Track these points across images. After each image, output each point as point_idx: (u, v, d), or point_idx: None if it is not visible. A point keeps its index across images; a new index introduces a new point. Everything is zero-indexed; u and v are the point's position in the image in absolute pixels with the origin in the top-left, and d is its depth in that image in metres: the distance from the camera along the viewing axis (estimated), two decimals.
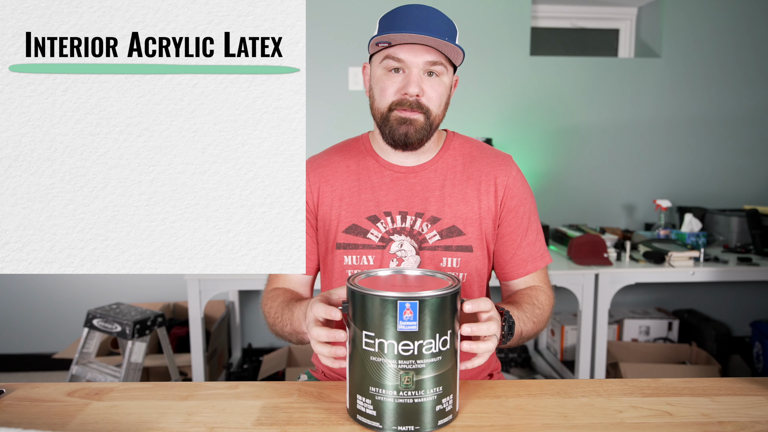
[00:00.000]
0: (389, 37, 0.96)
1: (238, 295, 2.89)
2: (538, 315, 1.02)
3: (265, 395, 0.86)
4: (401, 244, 1.04)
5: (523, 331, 0.97)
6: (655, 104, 2.95)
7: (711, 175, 3.01)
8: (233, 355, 2.89)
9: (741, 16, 2.92)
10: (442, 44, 0.95)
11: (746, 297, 3.05)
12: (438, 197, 1.06)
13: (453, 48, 0.96)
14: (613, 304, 2.96)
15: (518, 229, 1.08)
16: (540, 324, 1.02)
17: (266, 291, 1.11)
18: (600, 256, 2.28)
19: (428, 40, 0.95)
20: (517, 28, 2.85)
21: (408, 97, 0.99)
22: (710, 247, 2.65)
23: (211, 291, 2.12)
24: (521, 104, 2.90)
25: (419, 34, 0.93)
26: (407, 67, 0.98)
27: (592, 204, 2.99)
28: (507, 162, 1.10)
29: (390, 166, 1.09)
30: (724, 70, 2.95)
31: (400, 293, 0.71)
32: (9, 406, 0.83)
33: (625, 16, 3.16)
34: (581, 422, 0.77)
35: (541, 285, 1.10)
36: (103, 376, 2.01)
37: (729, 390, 0.88)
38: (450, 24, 1.00)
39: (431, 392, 0.72)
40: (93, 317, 2.06)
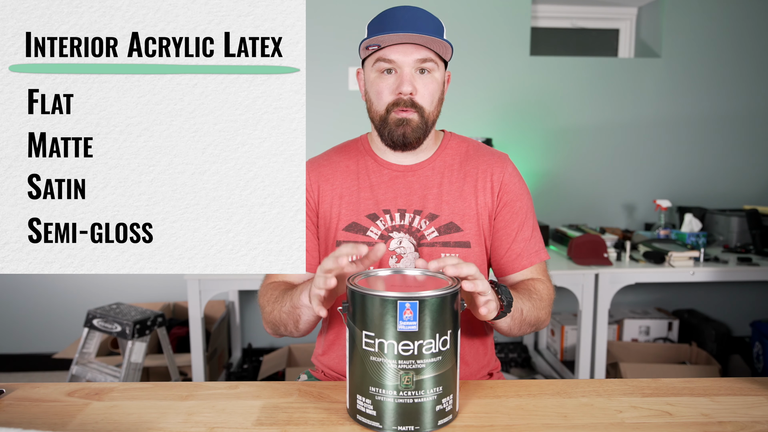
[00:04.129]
0: (378, 39, 0.98)
1: (238, 295, 2.89)
2: (536, 300, 1.02)
3: (265, 395, 0.86)
4: (400, 240, 1.06)
5: (523, 309, 0.97)
6: (655, 104, 2.95)
7: (711, 175, 3.01)
8: (233, 355, 2.89)
9: (741, 16, 2.92)
10: (430, 41, 0.98)
11: (746, 297, 3.05)
12: (436, 194, 1.07)
13: (441, 43, 0.99)
14: (613, 304, 2.96)
15: (513, 223, 1.09)
16: (540, 310, 1.02)
17: (264, 284, 1.12)
18: (600, 256, 2.28)
19: (416, 38, 0.97)
20: (516, 28, 2.85)
21: (402, 96, 1.01)
22: (710, 247, 2.65)
23: (211, 291, 2.12)
24: (521, 104, 2.91)
25: (407, 33, 0.96)
26: (399, 67, 1.00)
27: (592, 204, 2.99)
28: (503, 160, 1.12)
29: (388, 165, 1.10)
30: (724, 70, 2.95)
31: (400, 293, 0.71)
32: (9, 406, 0.83)
33: (625, 16, 3.16)
34: (581, 422, 0.77)
35: (540, 277, 1.11)
36: (103, 376, 2.01)
37: (729, 390, 0.88)
38: (436, 21, 1.03)
39: (431, 392, 0.72)
40: (93, 317, 2.06)
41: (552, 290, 1.10)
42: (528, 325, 1.01)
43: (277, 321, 1.03)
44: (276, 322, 1.03)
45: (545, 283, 1.09)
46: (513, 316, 0.95)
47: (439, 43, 0.99)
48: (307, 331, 1.03)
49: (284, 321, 1.01)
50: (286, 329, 1.03)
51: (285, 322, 1.01)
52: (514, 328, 0.99)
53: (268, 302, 1.05)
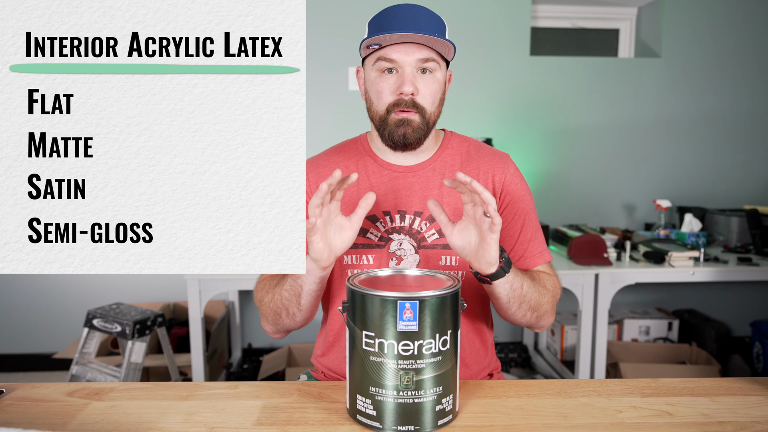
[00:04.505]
0: (379, 39, 0.96)
1: (238, 295, 2.89)
2: (538, 283, 1.00)
3: (265, 395, 0.86)
4: (400, 242, 1.05)
5: (523, 284, 0.95)
6: (655, 104, 2.95)
7: (711, 175, 3.01)
8: (233, 355, 2.89)
9: (741, 16, 2.93)
10: (432, 41, 0.96)
11: (746, 297, 3.05)
12: (436, 196, 1.06)
13: (444, 43, 0.97)
14: (613, 304, 2.96)
15: (515, 225, 1.08)
16: (542, 295, 1.00)
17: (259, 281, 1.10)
18: (600, 256, 2.28)
19: (418, 38, 0.95)
20: (517, 28, 2.85)
21: (403, 96, 0.99)
22: (710, 247, 2.65)
23: (211, 291, 2.12)
24: (521, 104, 2.90)
25: (409, 32, 0.94)
26: (400, 67, 0.99)
27: (592, 204, 2.99)
28: (504, 160, 1.11)
29: (388, 166, 1.09)
30: (724, 70, 2.95)
31: (400, 293, 0.71)
32: (9, 406, 0.83)
33: (625, 16, 3.16)
34: (581, 422, 0.77)
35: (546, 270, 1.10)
36: (103, 376, 2.01)
37: (729, 390, 0.88)
38: (438, 20, 1.01)
39: (431, 392, 0.72)
40: (93, 317, 2.06)
41: (558, 285, 1.08)
42: (528, 306, 0.98)
43: (278, 306, 1.00)
44: (277, 308, 1.00)
45: (551, 276, 1.08)
46: (513, 286, 0.93)
47: (441, 43, 0.97)
48: (310, 309, 0.99)
49: (285, 303, 0.98)
50: (288, 313, 1.00)
51: (286, 304, 0.98)
52: (513, 301, 0.95)
53: (267, 292, 1.03)
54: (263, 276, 1.10)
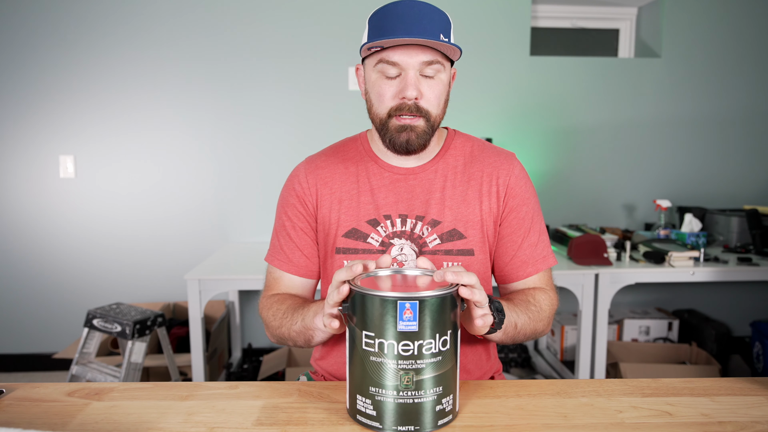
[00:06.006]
0: (381, 43, 0.91)
1: (238, 295, 2.89)
2: (534, 312, 0.98)
3: (265, 395, 0.86)
4: (401, 248, 1.02)
5: (517, 323, 0.93)
6: (655, 104, 2.95)
7: (711, 175, 3.01)
8: (233, 355, 2.89)
9: (741, 16, 2.93)
10: (436, 43, 0.90)
11: (746, 297, 3.05)
12: (438, 199, 1.03)
13: (448, 46, 0.91)
14: (613, 304, 2.97)
15: (519, 229, 1.05)
16: (538, 322, 0.99)
17: (265, 297, 1.08)
18: (600, 256, 2.28)
19: (422, 41, 0.90)
20: (517, 28, 2.85)
21: (406, 101, 0.94)
22: (710, 247, 2.65)
23: (211, 291, 2.12)
24: (521, 104, 2.91)
25: (412, 37, 0.89)
26: (403, 70, 0.94)
27: (592, 204, 3.00)
28: (509, 160, 1.07)
29: (389, 168, 1.06)
30: (724, 70, 2.95)
31: (400, 293, 0.70)
32: (9, 406, 0.83)
33: (625, 16, 3.16)
34: (581, 422, 0.77)
35: (543, 286, 1.06)
36: (103, 376, 2.01)
37: (729, 390, 0.88)
38: (442, 17, 0.94)
39: (431, 392, 0.72)
40: (93, 317, 2.06)
41: (555, 301, 1.05)
42: (523, 336, 0.97)
43: (286, 337, 1.00)
44: (284, 337, 1.01)
45: (548, 293, 1.04)
46: (506, 331, 0.92)
47: (446, 45, 0.91)
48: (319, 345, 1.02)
49: (294, 338, 0.99)
50: (295, 344, 1.01)
51: (295, 339, 0.99)
52: (506, 339, 0.95)
53: (275, 317, 1.01)
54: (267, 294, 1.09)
